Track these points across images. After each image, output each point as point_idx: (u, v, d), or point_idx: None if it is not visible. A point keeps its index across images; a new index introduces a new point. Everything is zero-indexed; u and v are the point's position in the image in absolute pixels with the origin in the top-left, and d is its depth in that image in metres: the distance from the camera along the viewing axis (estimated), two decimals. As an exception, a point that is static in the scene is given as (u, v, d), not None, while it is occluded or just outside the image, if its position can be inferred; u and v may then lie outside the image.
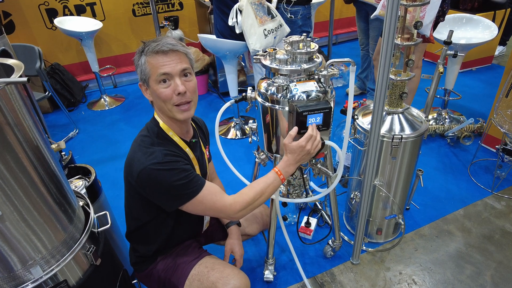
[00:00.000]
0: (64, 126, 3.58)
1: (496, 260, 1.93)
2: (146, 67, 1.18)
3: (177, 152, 1.25)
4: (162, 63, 1.17)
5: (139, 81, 1.25)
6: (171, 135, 1.30)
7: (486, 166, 2.64)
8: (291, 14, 2.77)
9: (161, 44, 1.17)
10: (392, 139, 1.67)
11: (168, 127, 1.29)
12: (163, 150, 1.20)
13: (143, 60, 1.19)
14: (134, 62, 1.24)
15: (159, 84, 1.19)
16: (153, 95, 1.24)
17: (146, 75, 1.19)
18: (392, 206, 1.94)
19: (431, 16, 2.35)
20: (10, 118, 0.86)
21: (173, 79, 1.19)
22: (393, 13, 1.20)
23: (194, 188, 1.20)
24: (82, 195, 1.33)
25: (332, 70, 1.39)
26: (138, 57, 1.20)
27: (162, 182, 1.17)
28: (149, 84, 1.21)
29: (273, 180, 1.30)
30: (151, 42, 1.19)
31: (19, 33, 3.72)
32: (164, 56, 1.17)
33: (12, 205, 0.92)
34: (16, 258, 0.98)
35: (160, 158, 1.17)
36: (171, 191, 1.19)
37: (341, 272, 1.92)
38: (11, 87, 0.86)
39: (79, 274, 1.13)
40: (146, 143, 1.23)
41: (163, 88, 1.19)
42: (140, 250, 1.43)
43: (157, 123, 1.29)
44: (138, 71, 1.22)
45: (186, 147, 1.33)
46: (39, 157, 0.98)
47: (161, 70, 1.17)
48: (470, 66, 4.27)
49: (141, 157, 1.19)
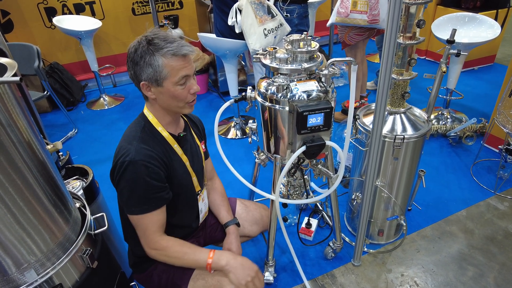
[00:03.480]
0: (63, 125, 3.56)
1: (499, 262, 1.90)
2: (164, 69, 1.15)
3: (156, 151, 1.23)
4: (182, 65, 1.18)
5: (144, 80, 1.19)
6: (160, 130, 1.29)
7: (488, 167, 2.62)
8: (287, 12, 2.75)
9: (179, 48, 1.16)
10: (394, 140, 1.65)
11: (158, 122, 1.29)
12: (139, 146, 1.21)
13: (159, 61, 1.14)
14: (134, 58, 1.17)
15: (178, 86, 1.19)
16: (163, 94, 1.21)
17: (162, 76, 1.16)
18: (393, 207, 1.91)
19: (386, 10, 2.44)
20: (3, 119, 0.84)
21: (189, 79, 1.22)
22: (396, 12, 1.17)
23: (144, 208, 1.23)
24: (79, 196, 1.30)
25: (333, 69, 1.37)
26: (148, 55, 1.14)
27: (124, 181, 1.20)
28: (162, 85, 1.18)
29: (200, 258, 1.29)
30: (162, 41, 1.15)
31: (17, 32, 3.70)
32: (184, 59, 1.18)
33: (6, 207, 0.89)
34: (10, 261, 0.95)
35: (133, 156, 1.18)
36: (126, 194, 1.22)
37: (342, 274, 1.90)
38: (4, 87, 0.84)
39: (75, 277, 1.11)
40: (128, 137, 1.25)
41: (181, 89, 1.20)
42: (138, 251, 1.41)
43: (145, 118, 1.29)
44: (148, 70, 1.16)
45: (175, 143, 1.32)
46: (34, 158, 0.96)
47: (183, 72, 1.18)
48: (472, 66, 4.25)
49: (118, 152, 1.22)
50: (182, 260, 1.30)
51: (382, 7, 2.58)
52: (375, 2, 2.56)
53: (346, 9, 2.66)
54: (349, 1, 2.64)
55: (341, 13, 2.70)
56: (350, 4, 2.63)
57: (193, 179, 1.41)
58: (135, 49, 1.16)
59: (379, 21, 2.63)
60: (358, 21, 2.65)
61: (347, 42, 2.90)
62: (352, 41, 2.87)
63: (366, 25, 2.66)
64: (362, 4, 2.58)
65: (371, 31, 2.81)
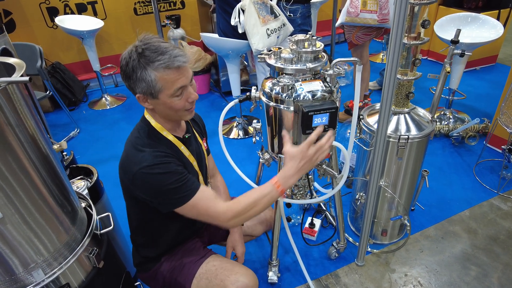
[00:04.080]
0: (65, 125, 3.56)
1: (503, 262, 1.90)
2: (157, 83, 1.10)
3: (168, 152, 1.22)
4: (176, 77, 1.12)
5: (139, 93, 1.15)
6: (165, 134, 1.27)
7: (491, 167, 2.62)
8: (290, 12, 2.75)
9: (171, 60, 1.09)
10: (398, 140, 1.65)
11: (162, 126, 1.26)
12: (153, 152, 1.18)
13: (152, 76, 1.09)
14: (126, 70, 1.12)
15: (174, 97, 1.15)
16: (159, 105, 1.18)
17: (157, 90, 1.12)
18: (397, 207, 1.91)
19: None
20: (11, 119, 0.84)
21: (185, 88, 1.17)
22: (401, 12, 1.17)
23: (187, 193, 1.18)
24: (84, 196, 1.31)
25: (338, 69, 1.37)
26: (139, 69, 1.09)
27: (154, 185, 1.15)
28: (158, 97, 1.14)
29: (270, 191, 1.23)
30: (153, 53, 1.09)
31: (19, 32, 3.70)
32: (177, 70, 1.12)
33: (14, 207, 0.90)
34: (18, 261, 0.95)
35: (150, 161, 1.15)
36: (163, 195, 1.17)
37: (346, 273, 1.90)
38: (13, 87, 0.84)
39: (81, 277, 1.11)
40: (137, 144, 1.20)
41: (178, 100, 1.16)
42: (143, 250, 1.42)
43: (147, 123, 1.26)
44: (141, 85, 1.11)
45: (181, 145, 1.31)
46: (41, 158, 0.96)
47: (178, 85, 1.13)
48: (474, 66, 4.25)
49: (132, 160, 1.17)
50: (259, 207, 1.23)
51: (391, 7, 2.58)
52: (385, 1, 2.55)
53: (356, 9, 2.65)
54: (358, 0, 2.64)
55: (351, 12, 2.69)
56: (360, 3, 2.63)
57: (200, 178, 1.41)
58: (126, 63, 1.11)
59: (389, 21, 2.62)
60: (368, 20, 2.64)
61: (355, 42, 2.90)
62: (360, 41, 2.87)
63: (376, 24, 2.66)
64: (372, 4, 2.57)
65: (379, 31, 2.80)
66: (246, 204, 1.22)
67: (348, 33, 2.93)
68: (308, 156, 1.23)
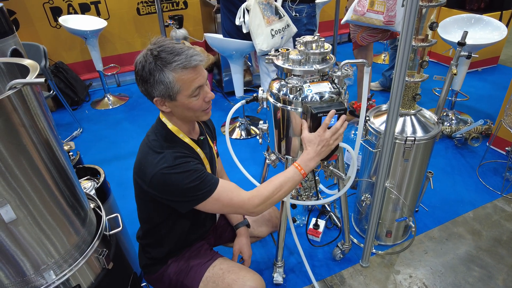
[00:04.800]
0: (68, 125, 3.56)
1: (508, 263, 1.91)
2: (175, 84, 1.11)
3: (187, 153, 1.23)
4: (194, 77, 1.13)
5: (157, 97, 1.15)
6: (182, 137, 1.27)
7: (495, 168, 2.62)
8: (296, 12, 2.75)
9: (188, 59, 1.10)
10: (405, 141, 1.65)
11: (178, 129, 1.26)
12: (173, 153, 1.18)
13: (170, 77, 1.10)
14: (143, 75, 1.12)
15: (192, 97, 1.16)
16: (178, 107, 1.18)
17: (175, 91, 1.13)
18: (402, 209, 1.91)
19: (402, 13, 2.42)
20: (25, 120, 0.84)
21: (202, 88, 1.18)
22: (412, 14, 1.17)
23: (209, 188, 1.19)
24: (93, 197, 1.31)
25: (346, 70, 1.37)
26: (157, 72, 1.10)
27: (175, 185, 1.15)
28: (176, 99, 1.15)
29: (293, 174, 1.27)
30: (169, 55, 1.10)
31: (23, 32, 3.70)
32: (194, 70, 1.13)
33: (26, 209, 0.90)
34: (29, 263, 0.96)
35: (171, 162, 1.15)
36: (186, 193, 1.17)
37: (351, 275, 1.90)
38: (27, 88, 0.84)
39: (91, 278, 1.11)
40: (155, 147, 1.20)
41: (196, 100, 1.17)
42: (151, 252, 1.42)
43: (164, 126, 1.25)
44: (160, 87, 1.12)
45: (197, 147, 1.31)
46: (53, 160, 0.96)
47: (195, 84, 1.14)
48: (476, 67, 4.25)
49: (152, 162, 1.17)
50: (283, 191, 1.26)
51: (399, 10, 2.57)
52: (392, 3, 2.55)
53: (363, 8, 2.65)
54: (366, 0, 2.64)
55: (358, 11, 2.69)
56: (368, 3, 2.63)
57: None
58: (142, 66, 1.11)
59: (395, 23, 2.62)
60: (374, 21, 2.64)
61: (359, 43, 2.89)
62: (364, 42, 2.87)
63: (381, 25, 2.66)
64: (379, 4, 2.57)
65: (384, 33, 2.80)
66: (273, 189, 1.24)
67: (353, 33, 2.93)
68: (325, 139, 1.27)
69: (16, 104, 0.81)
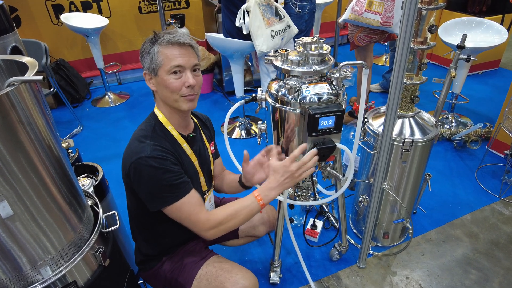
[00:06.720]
0: (68, 122, 3.57)
1: (504, 266, 1.91)
2: (159, 56, 1.18)
3: (168, 149, 1.23)
4: (176, 54, 1.18)
5: (145, 70, 1.24)
6: (170, 129, 1.29)
7: (493, 171, 2.62)
8: (299, 8, 2.76)
9: (178, 36, 1.18)
10: (402, 143, 1.66)
11: (167, 121, 1.29)
12: (153, 145, 1.20)
13: (156, 49, 1.18)
14: (141, 51, 1.23)
15: (170, 75, 1.19)
16: (159, 85, 1.23)
17: (157, 64, 1.19)
18: (400, 210, 1.92)
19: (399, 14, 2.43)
20: (23, 117, 0.85)
21: (184, 71, 1.21)
22: (410, 16, 1.18)
23: (176, 194, 1.20)
24: (91, 194, 1.31)
25: (345, 72, 1.37)
26: (150, 45, 1.20)
27: (145, 178, 1.17)
28: (157, 74, 1.20)
29: (250, 203, 1.23)
30: (166, 33, 1.19)
31: (25, 29, 3.71)
32: (180, 49, 1.19)
33: (23, 205, 0.90)
34: (25, 259, 0.96)
35: (148, 152, 1.17)
36: (153, 191, 1.19)
37: (347, 275, 1.90)
38: (25, 85, 0.85)
39: (87, 275, 1.12)
40: (140, 136, 1.24)
41: (174, 79, 1.20)
42: (145, 249, 1.43)
43: (155, 117, 1.29)
44: (147, 59, 1.20)
45: (184, 142, 1.32)
46: (51, 157, 0.97)
47: (175, 62, 1.18)
48: (477, 70, 4.25)
49: (133, 150, 1.20)
50: (239, 219, 1.23)
51: (396, 11, 2.58)
52: (390, 5, 2.56)
53: (361, 8, 2.66)
54: (365, 0, 2.64)
55: (356, 10, 2.70)
56: (366, 3, 2.64)
57: (200, 178, 1.41)
58: (143, 45, 1.22)
59: (392, 25, 2.63)
60: (371, 21, 2.65)
61: (356, 43, 2.90)
62: (361, 43, 2.87)
63: (378, 26, 2.66)
64: (377, 5, 2.58)
65: (382, 35, 2.80)
66: (226, 215, 1.22)
67: (351, 33, 2.93)
68: (291, 171, 1.22)
69: (14, 101, 0.81)
